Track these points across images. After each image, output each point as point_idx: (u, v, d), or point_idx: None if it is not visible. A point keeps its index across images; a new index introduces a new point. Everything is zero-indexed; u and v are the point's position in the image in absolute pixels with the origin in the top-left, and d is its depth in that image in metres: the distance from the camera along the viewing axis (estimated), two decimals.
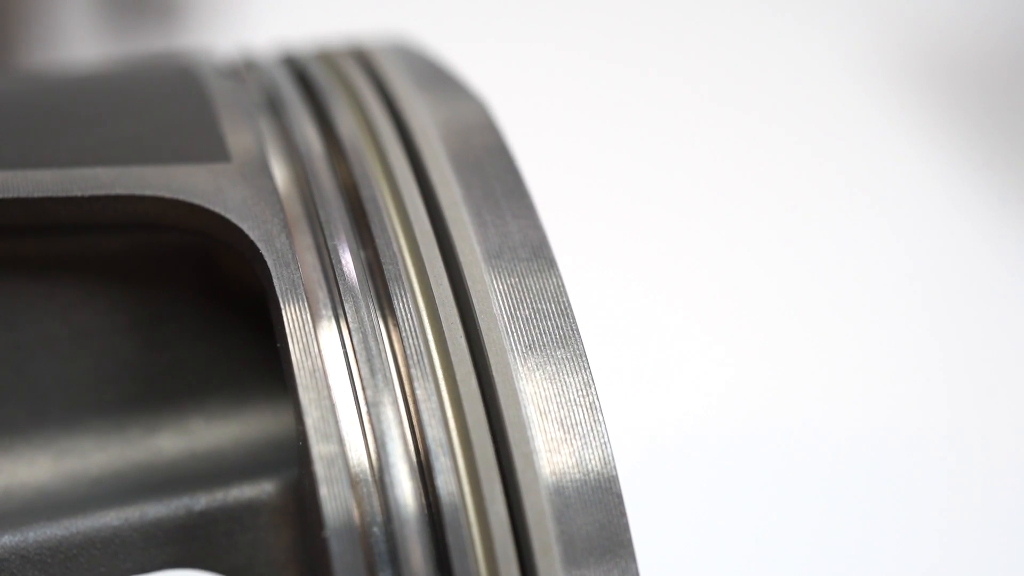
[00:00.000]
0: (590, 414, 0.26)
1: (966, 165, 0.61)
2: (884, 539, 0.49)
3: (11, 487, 0.28)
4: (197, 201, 0.27)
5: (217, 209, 0.26)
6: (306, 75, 0.32)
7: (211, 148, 0.28)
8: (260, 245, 0.26)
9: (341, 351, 0.26)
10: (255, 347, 0.29)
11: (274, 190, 0.27)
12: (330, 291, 0.26)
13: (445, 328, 0.26)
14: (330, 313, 0.26)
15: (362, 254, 0.27)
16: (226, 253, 0.28)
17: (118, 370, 0.29)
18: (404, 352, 0.26)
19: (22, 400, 0.28)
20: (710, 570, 0.47)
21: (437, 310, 0.26)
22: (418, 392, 0.25)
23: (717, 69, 0.66)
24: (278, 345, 0.26)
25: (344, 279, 0.26)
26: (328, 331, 0.26)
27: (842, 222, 0.59)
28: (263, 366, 0.29)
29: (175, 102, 0.29)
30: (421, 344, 0.26)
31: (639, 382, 0.51)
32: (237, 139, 0.28)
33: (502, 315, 0.26)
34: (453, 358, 0.26)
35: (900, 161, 0.62)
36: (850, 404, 0.53)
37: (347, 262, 0.27)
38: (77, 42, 0.56)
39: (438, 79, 0.32)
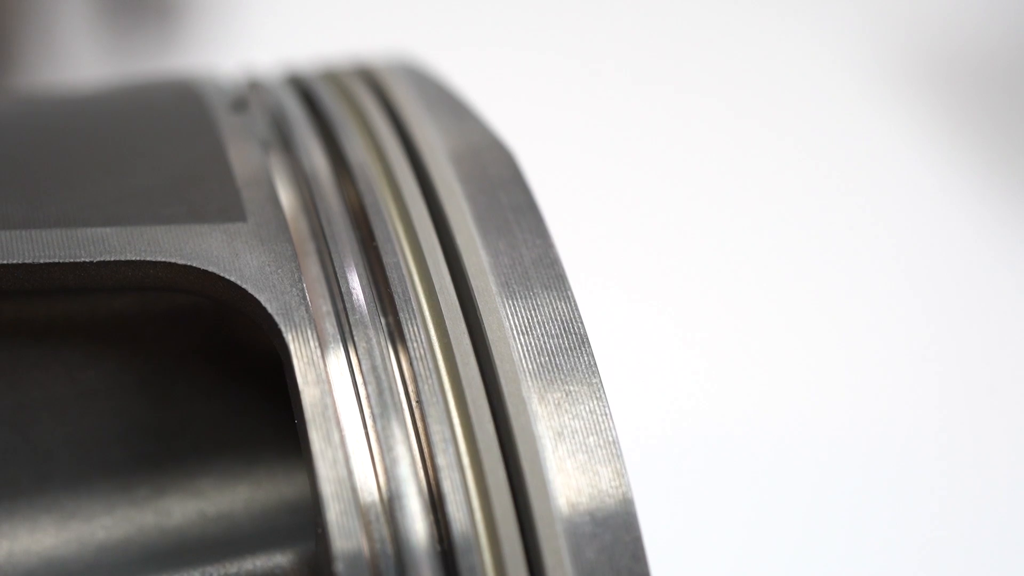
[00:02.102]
0: (606, 444, 0.25)
1: (965, 165, 0.61)
2: (881, 539, 0.49)
3: (14, 553, 0.27)
4: (212, 268, 0.25)
5: (233, 278, 0.25)
6: (313, 97, 0.31)
7: (226, 204, 0.26)
8: (278, 320, 0.25)
9: (361, 424, 0.25)
10: (267, 404, 0.28)
11: (292, 255, 0.26)
12: (340, 327, 0.25)
13: (459, 364, 0.25)
14: (347, 381, 0.25)
15: (372, 285, 0.26)
16: (240, 315, 0.27)
17: (125, 430, 0.28)
18: (416, 388, 0.25)
19: (26, 462, 0.27)
20: None
21: (451, 345, 0.25)
22: (432, 429, 0.24)
23: (721, 72, 0.65)
24: (296, 421, 0.25)
25: (354, 311, 0.25)
26: (346, 409, 0.25)
27: (842, 223, 0.59)
28: (275, 424, 0.28)
29: (186, 146, 0.28)
30: (434, 380, 0.25)
31: (650, 405, 0.50)
32: (252, 194, 0.27)
33: (515, 343, 0.25)
34: (466, 392, 0.25)
35: (899, 161, 0.61)
36: (852, 406, 0.52)
37: (356, 293, 0.26)
38: (76, 42, 0.54)
39: (445, 100, 0.31)
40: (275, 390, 0.28)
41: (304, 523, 0.28)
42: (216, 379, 0.28)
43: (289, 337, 0.25)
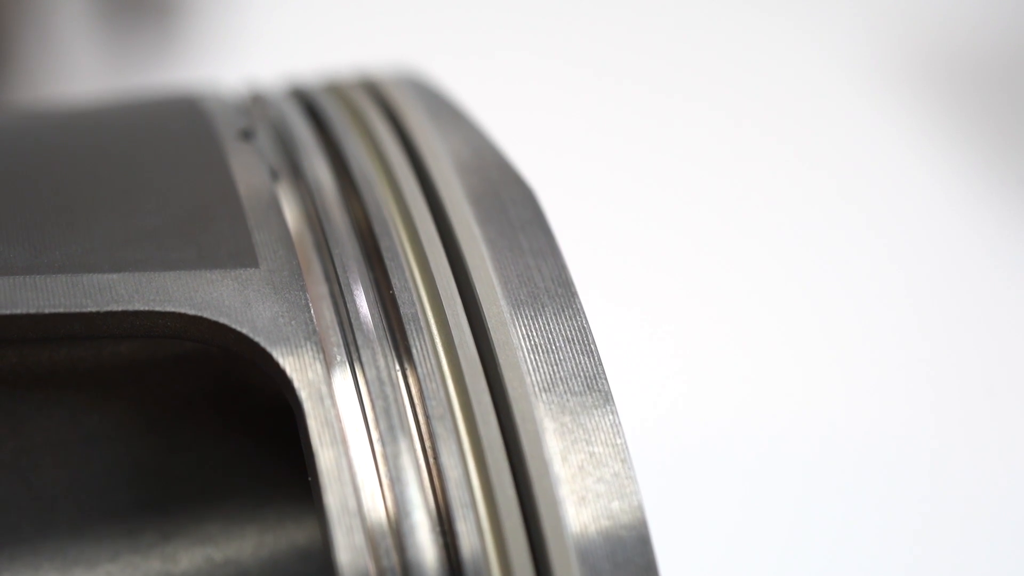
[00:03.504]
0: (619, 465, 0.24)
1: (963, 164, 0.60)
2: (878, 541, 0.49)
3: None
4: (223, 320, 0.24)
5: (245, 330, 0.24)
6: (318, 113, 0.30)
7: (237, 248, 0.26)
8: (293, 377, 0.24)
9: (379, 486, 0.24)
10: (277, 447, 0.28)
11: (306, 304, 0.25)
12: (356, 385, 0.25)
13: (470, 387, 0.25)
14: (361, 429, 0.24)
15: (378, 304, 0.25)
16: (251, 364, 0.26)
17: (130, 474, 0.27)
18: (435, 447, 0.24)
19: (28, 508, 0.26)
20: None
21: (462, 370, 0.25)
22: (451, 495, 0.24)
23: (718, 72, 0.64)
24: (309, 479, 0.24)
25: (371, 366, 0.25)
26: (364, 472, 0.24)
27: (840, 223, 0.58)
28: (285, 466, 0.28)
29: (195, 181, 0.27)
30: (453, 442, 0.24)
31: (651, 408, 0.50)
32: (264, 236, 0.26)
33: (525, 361, 0.25)
34: (476, 412, 0.24)
35: (897, 161, 0.61)
36: (853, 406, 0.52)
37: (364, 314, 0.25)
38: (75, 41, 0.53)
39: (451, 115, 0.30)
40: (285, 432, 0.27)
41: (315, 570, 0.27)
42: (224, 422, 0.27)
43: (304, 395, 0.24)
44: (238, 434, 0.27)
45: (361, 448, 0.24)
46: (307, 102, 0.31)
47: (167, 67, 0.57)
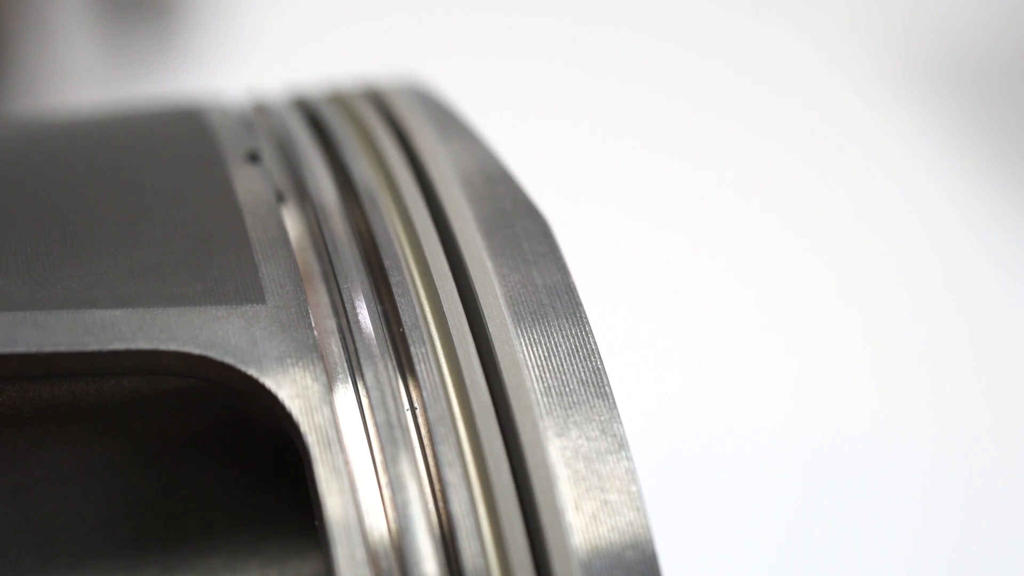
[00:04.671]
0: (626, 482, 0.24)
1: (964, 165, 0.60)
2: (878, 541, 0.48)
3: None
4: (228, 360, 0.24)
5: (251, 372, 0.24)
6: (321, 123, 0.30)
7: (244, 283, 0.25)
8: (300, 421, 0.23)
9: (388, 538, 0.23)
10: (281, 480, 0.27)
11: (314, 344, 0.24)
12: (366, 430, 0.24)
13: (482, 435, 0.24)
14: (367, 459, 0.24)
15: (388, 342, 0.25)
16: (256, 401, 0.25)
17: (132, 507, 0.26)
18: (445, 498, 0.24)
19: (28, 542, 0.26)
20: None
21: (475, 418, 0.24)
22: (452, 503, 0.23)
23: (719, 74, 0.64)
24: (316, 523, 0.24)
25: (381, 409, 0.24)
26: (373, 521, 0.23)
27: (841, 224, 0.58)
28: (290, 500, 0.27)
29: (201, 210, 0.26)
30: (455, 448, 0.24)
31: (654, 412, 0.50)
32: (271, 269, 0.25)
33: (538, 404, 0.24)
34: (488, 461, 0.24)
35: (898, 162, 0.60)
36: (855, 406, 0.52)
37: (375, 354, 0.25)
38: (74, 41, 0.53)
39: (454, 125, 0.29)
40: (289, 466, 0.27)
41: None
42: (228, 455, 0.27)
43: (312, 440, 0.23)
44: (242, 467, 0.27)
45: (370, 497, 0.23)
46: (311, 114, 0.31)
47: (167, 68, 0.57)
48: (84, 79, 0.54)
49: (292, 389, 0.24)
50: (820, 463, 0.49)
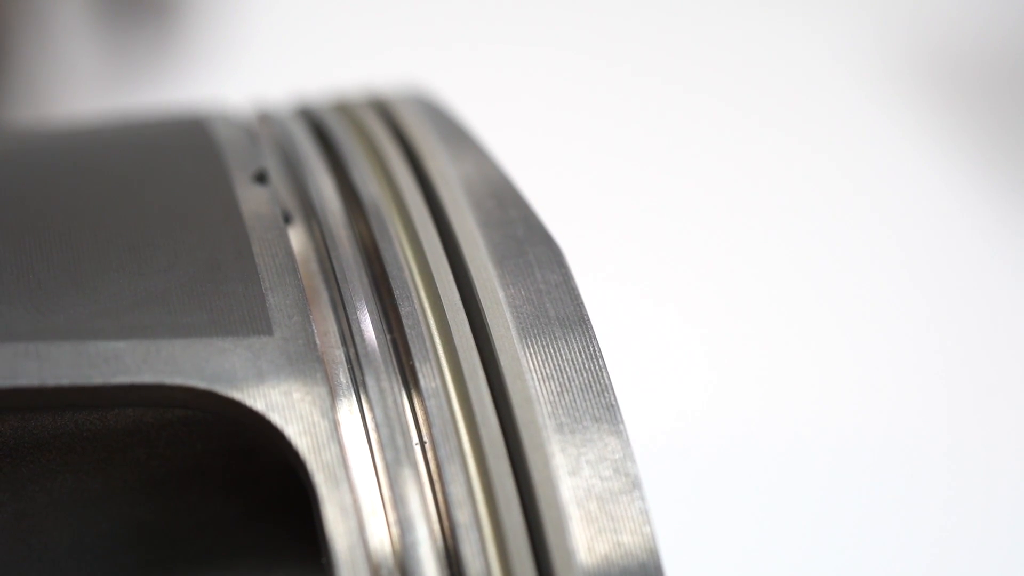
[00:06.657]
0: (639, 523, 0.23)
1: (971, 165, 0.59)
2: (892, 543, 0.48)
3: None
4: (234, 395, 0.23)
5: (258, 407, 0.23)
6: (327, 135, 0.29)
7: (250, 313, 0.24)
8: (307, 460, 0.23)
9: (387, 534, 0.23)
10: (286, 507, 0.27)
11: (322, 378, 0.24)
12: (375, 464, 0.24)
13: (493, 473, 0.24)
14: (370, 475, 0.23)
15: (398, 375, 0.24)
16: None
17: (136, 536, 0.26)
18: (455, 541, 0.23)
19: (30, 571, 0.26)
20: None
21: (486, 458, 0.24)
22: (461, 542, 0.23)
23: (724, 71, 0.63)
24: (323, 561, 0.23)
25: (390, 445, 0.24)
26: (381, 560, 0.23)
27: (847, 223, 0.57)
28: (295, 527, 0.27)
29: (207, 236, 0.26)
30: (465, 488, 0.23)
31: (658, 414, 0.49)
32: (279, 299, 0.25)
33: (550, 441, 0.24)
34: (499, 501, 0.23)
35: (904, 162, 0.60)
36: (856, 406, 0.52)
37: (370, 339, 0.25)
38: (74, 46, 0.52)
39: (458, 135, 0.29)
40: (294, 492, 0.26)
41: None
42: (232, 483, 0.26)
43: (319, 479, 0.23)
44: (246, 496, 0.26)
45: (379, 537, 0.23)
46: (316, 125, 0.30)
47: (169, 73, 0.57)
48: (85, 84, 0.54)
49: (299, 425, 0.23)
50: (833, 496, 0.49)
